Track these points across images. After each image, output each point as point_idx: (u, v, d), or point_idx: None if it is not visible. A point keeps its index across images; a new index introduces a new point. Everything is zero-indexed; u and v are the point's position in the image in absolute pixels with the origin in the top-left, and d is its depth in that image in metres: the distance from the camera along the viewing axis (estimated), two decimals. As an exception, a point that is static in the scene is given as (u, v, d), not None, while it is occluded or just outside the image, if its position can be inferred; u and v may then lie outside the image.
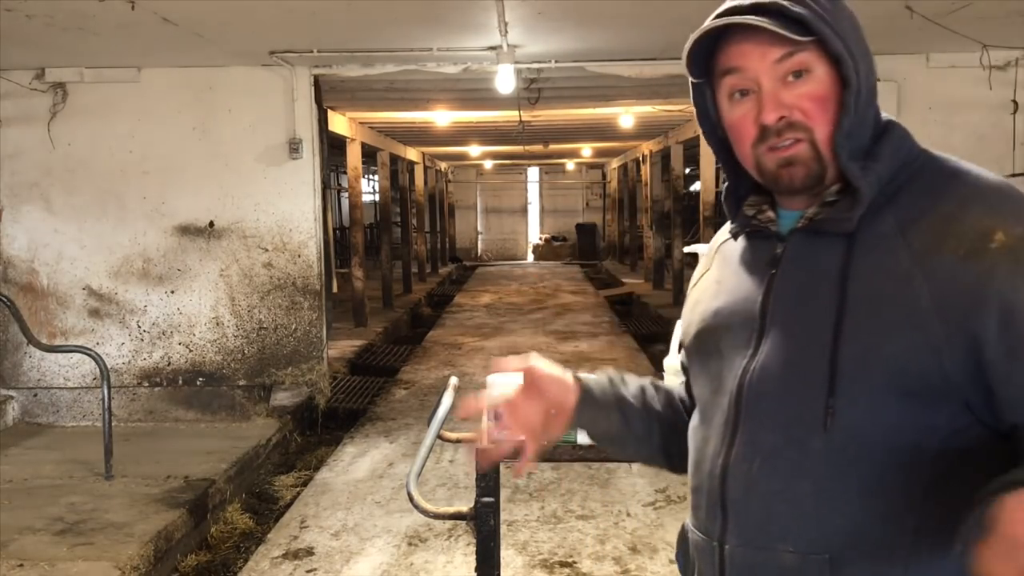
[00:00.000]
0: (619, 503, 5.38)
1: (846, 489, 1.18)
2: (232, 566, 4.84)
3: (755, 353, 1.26)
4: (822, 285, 1.22)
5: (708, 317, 1.37)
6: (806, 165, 1.24)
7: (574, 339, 11.48)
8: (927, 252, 1.16)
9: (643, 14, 5.77)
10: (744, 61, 1.24)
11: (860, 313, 1.18)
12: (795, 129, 1.23)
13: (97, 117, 7.24)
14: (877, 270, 1.19)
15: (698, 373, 1.40)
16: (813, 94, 1.22)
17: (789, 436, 1.21)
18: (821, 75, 1.22)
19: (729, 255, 1.41)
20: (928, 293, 1.14)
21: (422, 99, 9.63)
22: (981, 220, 1.15)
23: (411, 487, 2.39)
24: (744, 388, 1.26)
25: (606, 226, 26.49)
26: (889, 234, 1.20)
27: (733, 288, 1.35)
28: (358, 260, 11.99)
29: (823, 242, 1.24)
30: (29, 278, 7.31)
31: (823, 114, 1.22)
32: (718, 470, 1.28)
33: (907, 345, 1.14)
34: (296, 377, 7.40)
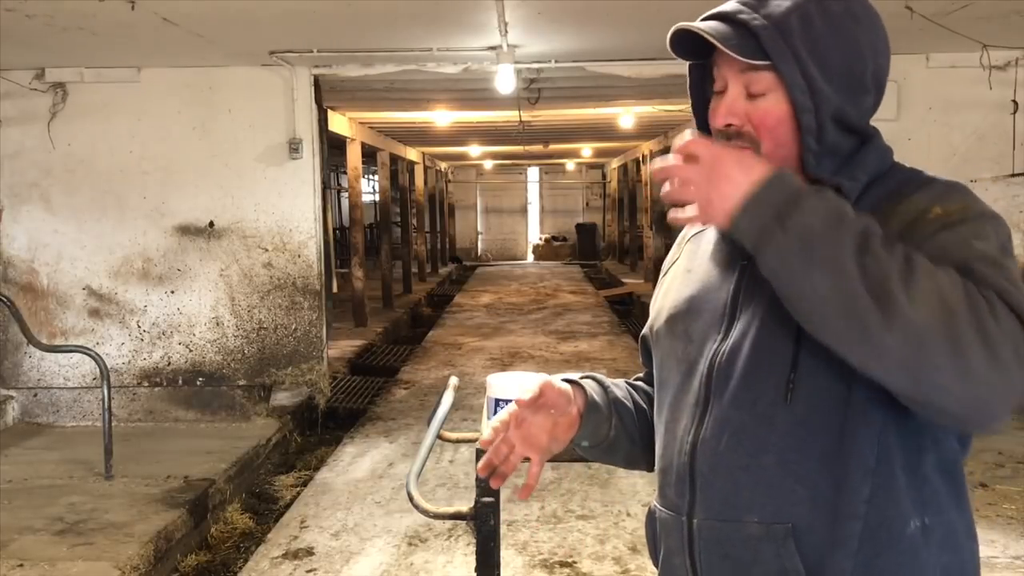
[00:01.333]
0: (619, 503, 5.38)
1: (807, 459, 1.24)
2: (232, 566, 4.84)
3: (725, 337, 1.31)
4: None
5: (679, 304, 1.41)
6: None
7: (574, 339, 11.48)
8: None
9: (643, 14, 5.77)
10: (720, 62, 1.30)
11: None
12: (742, 138, 1.28)
13: (97, 117, 7.24)
14: None
15: (666, 356, 1.43)
16: (767, 112, 1.26)
17: (755, 413, 1.26)
18: (781, 97, 1.25)
19: (700, 245, 1.46)
20: None
21: (422, 99, 9.63)
22: (923, 200, 1.22)
23: (411, 487, 2.39)
24: (714, 369, 1.31)
25: (606, 226, 26.49)
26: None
27: (704, 277, 1.40)
28: (358, 260, 11.99)
29: None
30: (29, 278, 7.31)
31: (771, 132, 1.26)
32: (687, 447, 1.33)
33: None
34: (296, 377, 7.40)
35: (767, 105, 1.26)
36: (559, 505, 5.35)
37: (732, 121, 1.28)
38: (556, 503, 5.38)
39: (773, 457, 1.25)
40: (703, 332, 1.35)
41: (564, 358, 10.03)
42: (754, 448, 1.27)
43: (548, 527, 5.02)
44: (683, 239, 1.54)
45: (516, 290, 18.34)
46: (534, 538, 4.87)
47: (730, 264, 1.36)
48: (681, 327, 1.39)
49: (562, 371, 4.69)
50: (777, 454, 1.25)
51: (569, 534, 4.92)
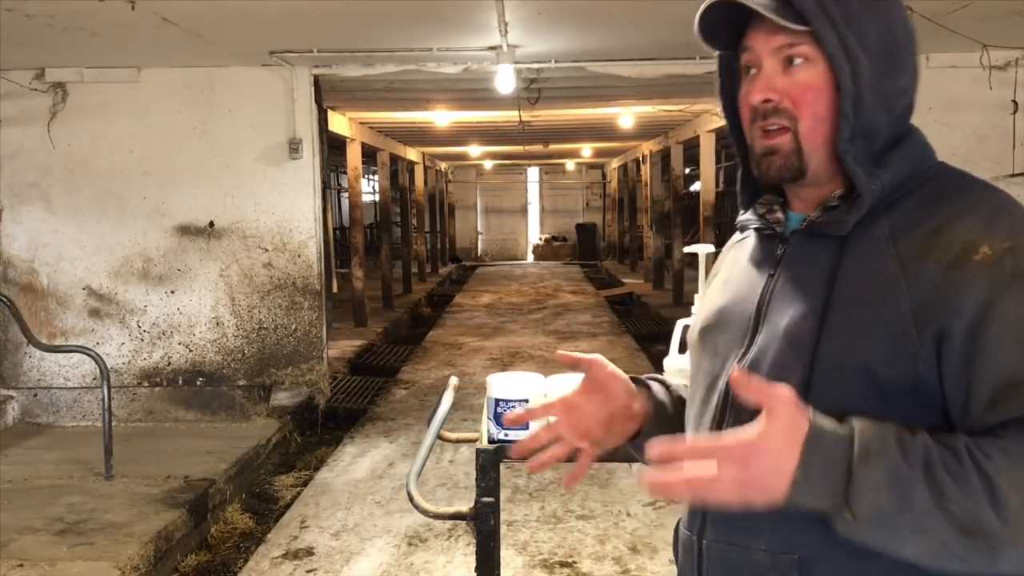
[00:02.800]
0: (619, 503, 5.38)
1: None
2: (232, 566, 4.84)
3: (746, 353, 1.28)
4: (811, 286, 1.23)
5: (711, 316, 1.39)
6: (784, 157, 1.24)
7: (574, 339, 11.48)
8: (913, 259, 1.16)
9: (643, 14, 5.77)
10: (754, 42, 1.25)
11: (841, 314, 1.19)
12: (780, 115, 1.23)
13: (97, 117, 7.24)
14: (864, 273, 1.19)
15: (696, 370, 1.41)
16: (804, 83, 1.22)
17: None
18: (820, 69, 1.21)
19: (739, 255, 1.43)
20: (908, 298, 1.14)
21: (422, 99, 9.63)
22: (969, 232, 1.15)
23: (411, 487, 2.39)
24: (731, 387, 1.24)
25: (606, 226, 26.49)
26: (881, 239, 1.20)
27: (736, 288, 1.37)
28: (358, 260, 11.99)
29: (818, 244, 1.25)
30: (29, 278, 7.31)
31: (810, 106, 1.22)
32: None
33: (882, 348, 1.15)
34: (296, 377, 7.40)
35: (805, 76, 1.22)
36: (559, 505, 5.35)
37: (770, 96, 1.23)
38: (556, 503, 5.38)
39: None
40: (727, 346, 1.32)
41: (564, 358, 10.01)
42: None
43: (548, 527, 5.02)
44: (728, 248, 1.51)
45: (516, 290, 18.34)
46: (534, 538, 4.87)
47: (758, 276, 1.33)
48: (710, 340, 1.37)
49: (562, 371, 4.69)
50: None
51: (569, 534, 4.92)
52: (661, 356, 2.31)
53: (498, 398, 2.33)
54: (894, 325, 1.15)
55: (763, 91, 1.24)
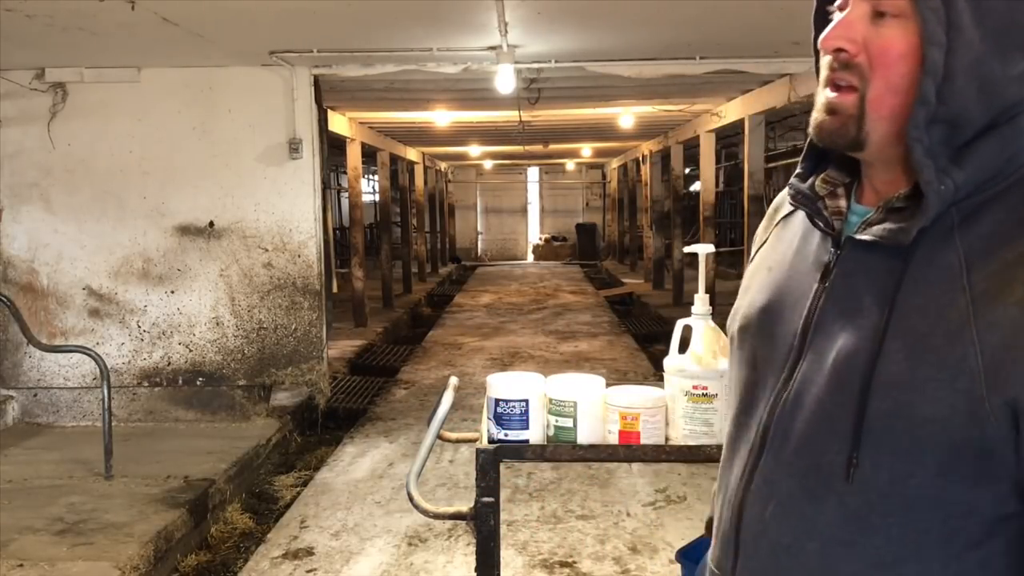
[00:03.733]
0: (619, 503, 5.37)
1: (855, 559, 1.05)
2: (232, 566, 4.84)
3: (789, 379, 1.12)
4: (867, 312, 1.05)
5: (753, 316, 1.23)
6: (842, 120, 1.06)
7: (574, 339, 11.48)
8: (988, 299, 0.96)
9: (643, 14, 5.77)
10: None
11: (897, 362, 1.00)
12: (851, 71, 1.04)
13: (97, 117, 7.24)
14: (927, 311, 1.00)
15: (735, 377, 1.26)
16: (886, 41, 1.02)
17: (805, 486, 1.08)
18: (911, 31, 1.00)
19: (787, 234, 1.24)
20: (979, 350, 0.95)
21: (422, 99, 9.63)
22: None
23: (411, 487, 2.39)
24: (773, 419, 1.13)
25: (606, 226, 26.50)
26: (953, 267, 1.00)
27: (781, 286, 1.19)
28: (358, 260, 11.99)
29: (877, 259, 1.06)
30: (29, 278, 7.31)
31: (886, 70, 1.02)
32: (736, 504, 1.18)
33: (945, 409, 0.97)
34: (296, 377, 7.40)
35: (893, 32, 1.01)
36: (559, 505, 5.35)
37: (845, 46, 1.03)
38: (556, 503, 5.38)
39: (816, 546, 1.07)
40: (767, 362, 1.16)
41: (564, 358, 10.03)
42: (800, 527, 1.09)
43: (548, 527, 5.02)
44: (774, 215, 1.32)
45: (516, 290, 18.34)
46: (534, 538, 4.87)
47: (807, 280, 1.15)
48: (750, 348, 1.21)
49: (562, 371, 4.69)
50: (822, 543, 1.07)
51: (569, 534, 4.92)
52: (661, 356, 2.31)
53: (498, 398, 2.33)
54: (960, 382, 0.96)
55: (837, 38, 1.04)
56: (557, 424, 2.32)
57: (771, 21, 5.70)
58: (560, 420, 2.32)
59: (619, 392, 2.35)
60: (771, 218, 1.32)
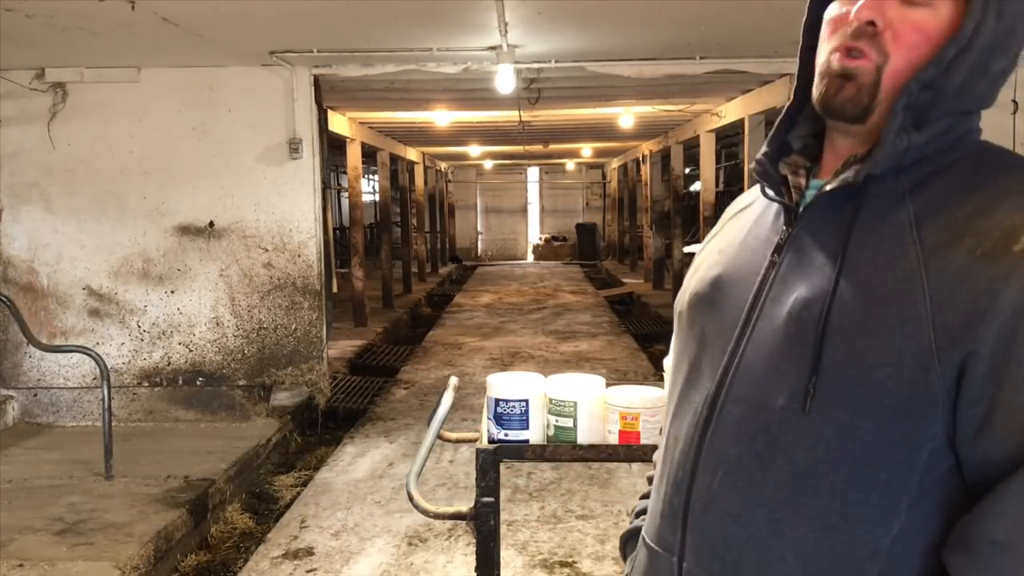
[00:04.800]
0: (619, 503, 5.38)
1: (802, 523, 1.06)
2: (232, 566, 4.84)
3: (736, 348, 1.14)
4: (817, 273, 1.08)
5: (703, 286, 1.24)
6: (858, 87, 1.08)
7: (574, 339, 11.48)
8: (938, 249, 1.01)
9: (643, 14, 5.77)
10: None
11: (848, 312, 1.03)
12: (873, 43, 1.07)
13: (97, 117, 7.24)
14: (877, 263, 1.04)
15: (680, 351, 1.26)
16: (917, 25, 1.06)
17: (753, 450, 1.09)
18: (941, 14, 1.06)
19: (741, 223, 1.28)
20: (927, 297, 0.99)
21: (422, 99, 9.63)
22: (1010, 216, 0.99)
23: (411, 487, 2.39)
24: (721, 389, 1.14)
25: (606, 226, 26.50)
26: (903, 224, 1.05)
27: (732, 260, 1.22)
28: (358, 260, 11.99)
29: (830, 223, 1.10)
30: (29, 278, 7.31)
31: (909, 49, 1.06)
32: (685, 477, 1.16)
33: (893, 354, 1.00)
34: (296, 377, 7.40)
35: (923, 17, 1.06)
36: (559, 505, 5.35)
37: (877, 19, 1.06)
38: (556, 503, 5.38)
39: (765, 511, 1.08)
40: (716, 335, 1.17)
41: (564, 358, 10.03)
42: (747, 495, 1.09)
43: (548, 527, 5.02)
44: (729, 213, 1.36)
45: (516, 290, 18.34)
46: (534, 538, 4.87)
47: (759, 256, 1.18)
48: (699, 323, 1.22)
49: (562, 371, 4.69)
50: (769, 508, 1.07)
51: (569, 534, 4.92)
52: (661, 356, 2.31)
53: (498, 398, 2.33)
54: (908, 328, 1.00)
55: (873, 9, 1.07)
56: (557, 424, 2.32)
57: (771, 21, 5.70)
58: (560, 420, 2.32)
59: (619, 392, 2.35)
60: (722, 220, 1.37)
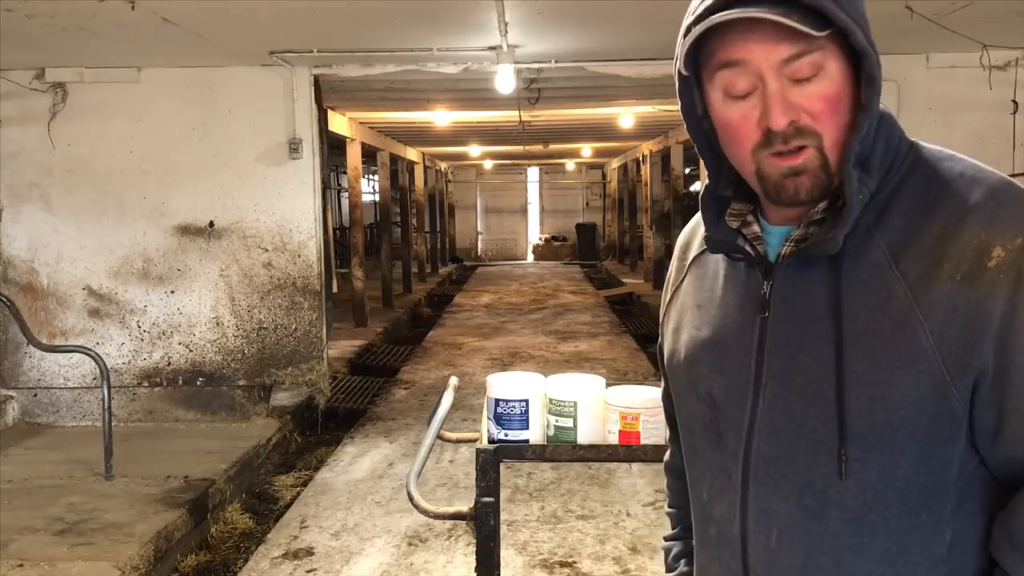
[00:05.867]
0: (619, 503, 5.38)
1: (867, 560, 1.12)
2: (232, 566, 4.84)
3: (754, 408, 1.17)
4: (816, 326, 1.12)
5: (696, 351, 1.26)
6: (814, 175, 1.10)
7: (574, 339, 11.48)
8: (923, 281, 1.06)
9: (643, 14, 5.77)
10: (746, 55, 1.08)
11: (859, 360, 1.08)
12: (802, 135, 1.09)
13: (97, 117, 7.24)
14: (871, 307, 1.08)
15: (689, 418, 1.30)
16: (826, 95, 1.08)
17: (803, 507, 1.13)
18: (835, 73, 1.08)
19: (707, 271, 1.30)
20: (927, 331, 1.04)
21: (422, 99, 9.63)
22: (977, 235, 1.05)
23: (411, 487, 2.39)
24: (752, 450, 1.17)
25: (606, 226, 26.49)
26: (881, 262, 1.09)
27: (718, 322, 1.24)
28: (358, 260, 11.99)
29: (811, 274, 1.13)
30: (29, 278, 7.31)
31: (833, 117, 1.09)
32: (736, 540, 1.20)
33: (912, 392, 1.05)
34: (296, 377, 7.40)
35: (822, 87, 1.08)
36: (559, 505, 5.35)
37: (792, 117, 1.08)
38: (556, 503, 5.38)
39: (829, 559, 1.12)
40: (727, 398, 1.20)
41: (564, 358, 10.03)
42: (808, 547, 1.13)
43: (548, 527, 5.02)
44: (684, 255, 1.38)
45: (516, 290, 18.33)
46: (534, 538, 4.87)
47: (745, 313, 1.20)
48: (704, 387, 1.24)
49: (562, 371, 4.69)
50: (832, 555, 1.12)
51: (569, 534, 4.92)
52: (661, 356, 2.31)
53: (498, 398, 2.33)
54: (920, 364, 1.05)
55: (784, 113, 1.08)
56: (557, 424, 2.32)
57: (771, 21, 5.69)
58: (560, 420, 2.32)
59: (619, 392, 2.35)
60: (681, 258, 1.39)
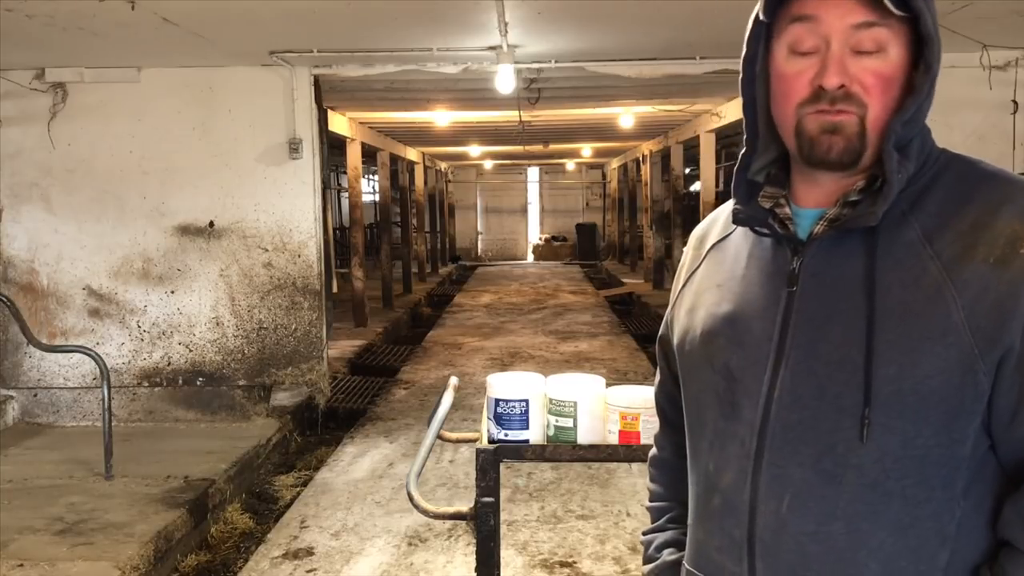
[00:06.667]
0: (619, 503, 5.38)
1: (879, 529, 1.13)
2: (232, 566, 4.84)
3: (775, 377, 1.19)
4: (847, 299, 1.15)
5: (715, 325, 1.28)
6: (849, 138, 1.15)
7: (574, 339, 11.48)
8: (957, 261, 1.11)
9: (643, 14, 5.77)
10: (821, 12, 1.14)
11: (890, 330, 1.11)
12: (850, 101, 1.14)
13: (97, 117, 7.24)
14: (905, 282, 1.12)
15: (702, 390, 1.30)
16: (880, 71, 1.14)
17: (820, 470, 1.15)
18: (895, 55, 1.14)
19: (727, 255, 1.32)
20: (960, 306, 1.09)
21: (422, 99, 9.63)
22: (1011, 224, 1.11)
23: (411, 487, 2.39)
24: (770, 417, 1.18)
25: (606, 226, 26.50)
26: (915, 242, 1.14)
27: (741, 297, 1.26)
28: (358, 260, 11.99)
29: (844, 250, 1.18)
30: (29, 278, 7.31)
31: (883, 95, 1.14)
32: (744, 507, 1.21)
33: (940, 363, 1.09)
34: (296, 377, 7.40)
35: (883, 64, 1.14)
36: (559, 505, 5.35)
37: (845, 81, 1.13)
38: (556, 503, 5.38)
39: (842, 525, 1.14)
40: (745, 369, 1.22)
41: (564, 358, 10.03)
42: (821, 513, 1.15)
43: (548, 527, 5.02)
44: (702, 243, 1.40)
45: (516, 290, 18.33)
46: (534, 538, 4.87)
47: (771, 288, 1.23)
48: (721, 360, 1.25)
49: (562, 371, 4.69)
50: (846, 521, 1.14)
51: (569, 534, 4.92)
52: (661, 356, 2.31)
53: (498, 398, 2.33)
54: (950, 337, 1.09)
55: (839, 74, 1.13)
56: (557, 424, 2.32)
57: (771, 21, 5.69)
58: (560, 420, 2.32)
59: (619, 392, 2.36)
60: (698, 247, 1.41)
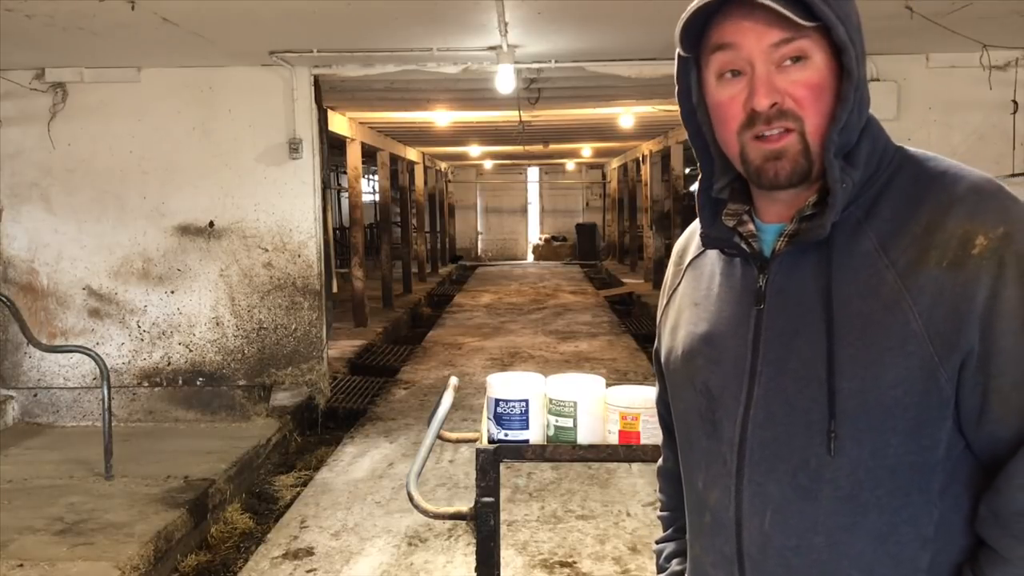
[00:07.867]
0: (619, 503, 5.38)
1: (858, 539, 1.15)
2: (232, 566, 4.84)
3: (750, 395, 1.22)
4: (810, 314, 1.17)
5: (693, 345, 1.31)
6: (793, 160, 1.16)
7: (574, 339, 11.48)
8: (911, 268, 1.11)
9: (643, 14, 5.77)
10: (739, 38, 1.16)
11: (851, 343, 1.13)
12: (785, 118, 1.15)
13: (97, 117, 7.24)
14: (863, 293, 1.13)
15: (685, 410, 1.34)
16: (809, 82, 1.15)
17: (796, 486, 1.17)
18: (819, 63, 1.15)
19: (704, 272, 1.35)
20: (917, 314, 1.10)
21: (422, 99, 9.63)
22: (962, 225, 1.10)
23: (411, 487, 2.39)
24: (747, 435, 1.21)
25: (606, 226, 26.49)
26: (870, 252, 1.14)
27: (716, 316, 1.29)
28: (358, 260, 11.99)
29: (804, 265, 1.19)
30: (29, 278, 7.31)
31: (816, 104, 1.15)
32: (731, 525, 1.24)
33: (902, 371, 1.10)
34: (296, 377, 7.40)
35: (809, 74, 1.15)
36: (559, 505, 5.35)
37: (775, 99, 1.14)
38: (556, 503, 5.38)
39: (823, 538, 1.17)
40: (723, 388, 1.25)
41: (564, 358, 10.03)
42: (801, 527, 1.18)
43: (548, 527, 5.02)
44: (681, 259, 1.43)
45: (516, 290, 18.33)
46: (534, 538, 4.87)
47: (741, 307, 1.26)
48: (700, 380, 1.29)
49: (562, 371, 4.69)
50: (826, 534, 1.17)
51: (569, 534, 4.92)
52: (661, 356, 2.31)
53: (498, 398, 2.33)
54: (910, 346, 1.10)
55: (768, 94, 1.15)
56: (557, 424, 2.32)
57: (771, 21, 5.69)
58: (560, 420, 2.32)
59: (619, 392, 2.36)
60: (678, 263, 1.44)
